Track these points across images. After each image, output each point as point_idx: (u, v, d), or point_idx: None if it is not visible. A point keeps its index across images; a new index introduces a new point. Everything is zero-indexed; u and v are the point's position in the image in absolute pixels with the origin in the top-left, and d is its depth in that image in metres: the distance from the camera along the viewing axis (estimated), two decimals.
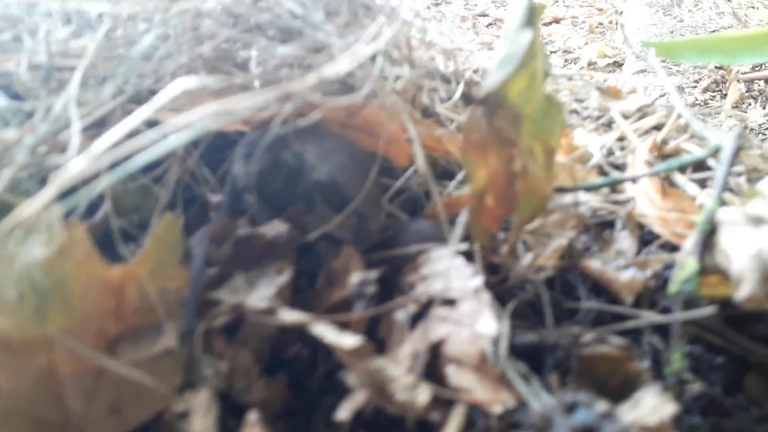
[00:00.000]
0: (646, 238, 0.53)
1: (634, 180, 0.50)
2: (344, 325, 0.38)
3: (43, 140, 0.36)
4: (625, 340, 0.40)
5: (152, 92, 0.41)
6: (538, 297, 0.45)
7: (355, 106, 0.44)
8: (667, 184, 0.55)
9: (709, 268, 0.37)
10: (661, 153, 0.57)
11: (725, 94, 2.76)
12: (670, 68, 2.96)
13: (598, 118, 0.63)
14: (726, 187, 0.41)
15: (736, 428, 0.35)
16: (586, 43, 3.86)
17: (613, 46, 3.85)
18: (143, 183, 0.46)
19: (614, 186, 0.53)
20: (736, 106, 2.61)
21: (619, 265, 0.46)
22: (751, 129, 2.33)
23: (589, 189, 0.50)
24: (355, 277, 0.41)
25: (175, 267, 0.40)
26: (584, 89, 0.67)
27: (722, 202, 0.39)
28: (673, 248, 0.50)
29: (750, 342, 0.41)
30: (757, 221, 0.37)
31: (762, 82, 2.74)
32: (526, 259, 0.47)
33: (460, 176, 0.54)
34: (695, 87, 2.80)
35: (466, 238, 0.46)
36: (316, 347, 0.40)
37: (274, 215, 0.45)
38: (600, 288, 0.47)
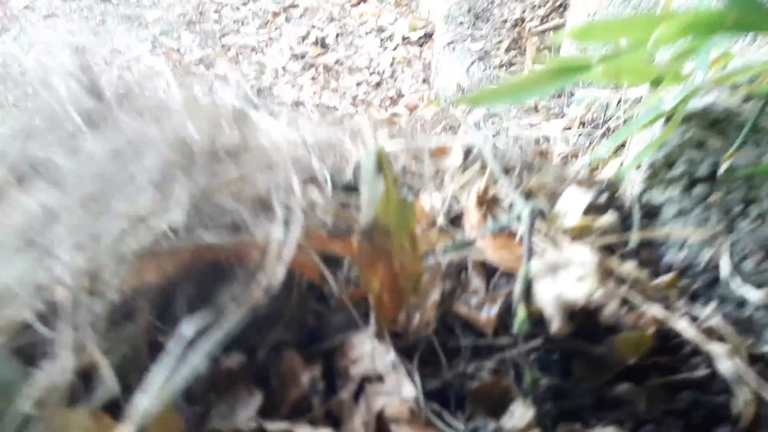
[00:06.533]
0: (491, 268, 0.73)
1: (471, 243, 0.70)
2: (309, 418, 0.53)
3: None
4: (493, 363, 0.59)
5: None
6: (430, 345, 0.63)
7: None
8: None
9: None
10: (485, 200, 0.77)
11: (525, 50, 3.17)
12: (473, 34, 3.30)
13: (434, 176, 0.82)
14: (530, 253, 0.61)
15: (574, 405, 0.56)
16: (397, 19, 4.11)
17: (421, 17, 4.14)
18: None
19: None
20: (535, 61, 3.00)
21: (477, 304, 0.65)
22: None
23: (445, 252, 0.68)
24: (306, 377, 0.56)
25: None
26: (419, 152, 0.85)
27: (530, 256, 0.59)
28: (510, 275, 0.71)
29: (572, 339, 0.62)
30: (553, 269, 0.57)
31: (551, 32, 3.17)
32: (416, 319, 0.64)
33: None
34: (498, 48, 3.17)
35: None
36: None
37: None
38: (469, 324, 0.66)
